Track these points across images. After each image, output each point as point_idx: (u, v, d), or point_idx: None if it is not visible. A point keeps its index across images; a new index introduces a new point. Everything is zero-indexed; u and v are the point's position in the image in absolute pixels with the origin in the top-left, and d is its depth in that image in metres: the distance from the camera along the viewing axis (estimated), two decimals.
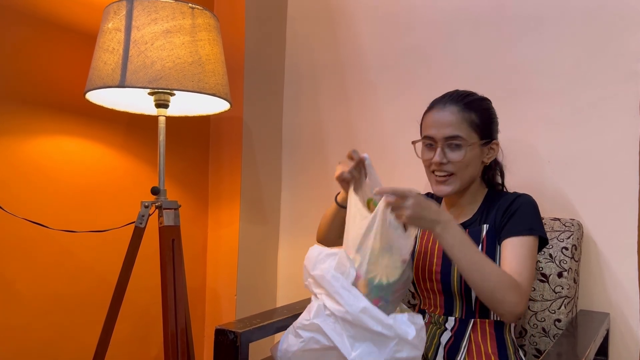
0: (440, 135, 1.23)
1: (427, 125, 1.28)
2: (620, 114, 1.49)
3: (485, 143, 1.27)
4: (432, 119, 1.26)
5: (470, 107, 1.25)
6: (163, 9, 1.32)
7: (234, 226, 1.92)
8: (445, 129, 1.23)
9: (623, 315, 1.48)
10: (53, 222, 1.49)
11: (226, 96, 1.45)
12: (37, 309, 1.47)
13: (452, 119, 1.23)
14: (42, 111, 1.47)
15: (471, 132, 1.24)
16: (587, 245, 1.52)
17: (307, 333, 1.12)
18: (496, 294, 1.10)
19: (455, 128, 1.23)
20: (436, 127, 1.24)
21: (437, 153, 1.24)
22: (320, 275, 1.13)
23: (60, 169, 1.52)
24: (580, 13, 1.55)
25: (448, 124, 1.23)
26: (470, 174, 1.27)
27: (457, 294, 1.25)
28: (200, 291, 1.97)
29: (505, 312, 1.11)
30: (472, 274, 1.11)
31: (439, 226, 1.12)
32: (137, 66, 1.29)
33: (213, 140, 1.98)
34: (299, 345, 1.13)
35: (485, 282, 1.11)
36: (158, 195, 1.43)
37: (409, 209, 1.09)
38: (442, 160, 1.23)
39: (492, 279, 1.10)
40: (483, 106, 1.28)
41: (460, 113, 1.24)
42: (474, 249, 1.13)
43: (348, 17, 1.96)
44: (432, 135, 1.25)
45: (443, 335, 1.27)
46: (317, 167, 2.01)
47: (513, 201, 1.25)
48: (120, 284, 1.39)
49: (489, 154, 1.30)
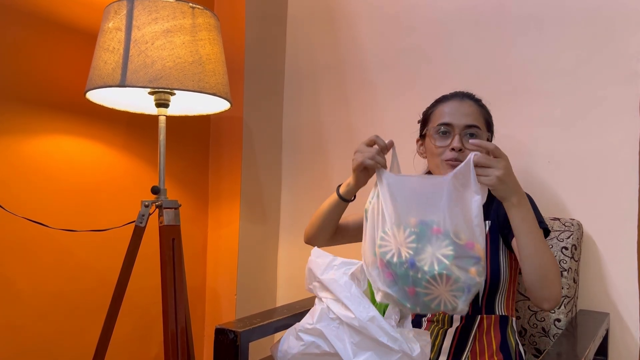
0: (461, 123, 1.27)
1: (441, 114, 1.30)
2: (621, 113, 1.49)
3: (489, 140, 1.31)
4: (450, 108, 1.30)
5: (482, 105, 1.34)
6: (163, 9, 1.33)
7: (234, 226, 1.92)
8: (466, 118, 1.27)
9: (623, 315, 1.48)
10: (53, 222, 1.49)
11: (226, 96, 1.45)
12: (37, 308, 1.47)
13: (472, 110, 1.29)
14: (43, 110, 1.47)
15: (484, 125, 1.31)
16: (587, 245, 1.52)
17: (309, 337, 1.11)
18: (550, 275, 1.10)
19: (475, 118, 1.28)
20: (456, 116, 1.28)
21: (456, 139, 1.26)
22: (331, 280, 1.10)
23: (60, 168, 1.52)
24: (580, 13, 1.55)
25: (469, 114, 1.28)
26: None
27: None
28: (200, 290, 1.97)
29: (552, 296, 1.11)
30: (535, 253, 1.09)
31: (516, 197, 1.09)
32: (137, 66, 1.29)
33: (213, 140, 1.98)
34: (299, 348, 1.13)
35: (544, 261, 1.09)
36: (158, 194, 1.43)
37: (500, 170, 1.05)
38: (460, 145, 1.25)
39: (549, 262, 1.10)
40: (487, 109, 1.36)
41: (477, 107, 1.31)
42: (539, 228, 1.12)
43: (348, 17, 1.96)
44: (451, 122, 1.27)
45: (447, 334, 1.27)
46: (317, 166, 2.01)
47: None
48: (120, 283, 1.39)
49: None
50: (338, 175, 1.96)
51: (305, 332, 1.12)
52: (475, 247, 1.00)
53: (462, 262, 0.98)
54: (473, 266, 0.99)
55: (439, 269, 0.97)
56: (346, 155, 1.95)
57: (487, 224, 1.28)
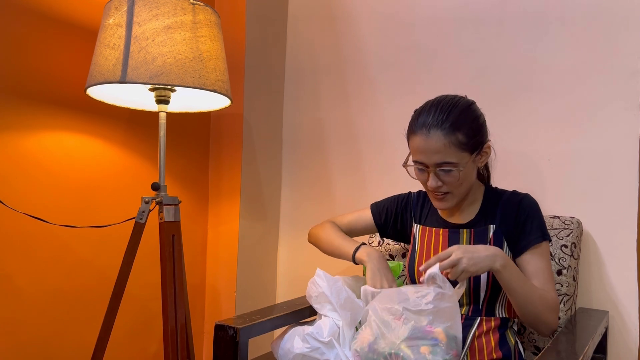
0: (431, 162, 1.21)
1: (414, 149, 1.24)
2: (621, 112, 1.49)
3: (476, 154, 1.25)
4: (419, 145, 1.22)
5: (455, 127, 1.19)
6: (164, 5, 1.32)
7: (234, 223, 1.92)
8: (434, 156, 1.20)
9: (622, 313, 1.48)
10: (53, 217, 1.49)
11: (227, 92, 1.45)
12: (37, 304, 1.48)
13: (438, 145, 1.19)
14: (43, 107, 1.47)
15: (460, 152, 1.20)
16: (587, 243, 1.52)
17: (317, 344, 1.18)
18: (541, 316, 1.19)
19: (444, 154, 1.19)
20: (424, 154, 1.21)
21: (431, 179, 1.23)
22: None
23: (60, 164, 1.52)
24: (581, 13, 1.55)
25: (436, 151, 1.19)
26: (467, 187, 1.27)
27: (464, 293, 1.26)
28: (200, 287, 1.98)
29: (546, 330, 1.22)
30: (524, 303, 1.18)
31: (496, 262, 1.15)
32: (138, 62, 1.29)
33: (213, 137, 1.98)
34: (303, 350, 1.19)
35: (533, 307, 1.18)
36: (158, 191, 1.43)
37: (463, 261, 1.12)
38: (437, 184, 1.23)
39: (539, 305, 1.18)
40: (468, 118, 1.22)
41: (446, 138, 1.18)
42: (523, 278, 1.19)
43: (349, 14, 1.96)
44: (422, 161, 1.23)
45: None
46: (317, 164, 2.01)
47: (521, 204, 1.28)
48: (120, 279, 1.40)
49: (482, 158, 1.28)
50: (338, 173, 1.96)
51: (316, 340, 1.19)
52: (435, 331, 1.09)
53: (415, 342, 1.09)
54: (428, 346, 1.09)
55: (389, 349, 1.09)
56: (347, 152, 1.95)
57: (492, 228, 1.28)
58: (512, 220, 1.27)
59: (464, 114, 1.22)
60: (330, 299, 1.23)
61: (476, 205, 1.33)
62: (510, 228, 1.27)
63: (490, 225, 1.28)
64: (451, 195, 1.26)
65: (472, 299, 1.26)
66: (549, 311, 1.19)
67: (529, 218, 1.27)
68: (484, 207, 1.32)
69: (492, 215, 1.30)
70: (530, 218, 1.27)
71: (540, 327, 1.21)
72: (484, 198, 1.33)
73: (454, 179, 1.22)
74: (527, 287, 1.18)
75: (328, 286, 1.25)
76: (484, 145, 1.26)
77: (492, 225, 1.28)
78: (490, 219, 1.29)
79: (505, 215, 1.28)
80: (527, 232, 1.26)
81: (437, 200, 1.28)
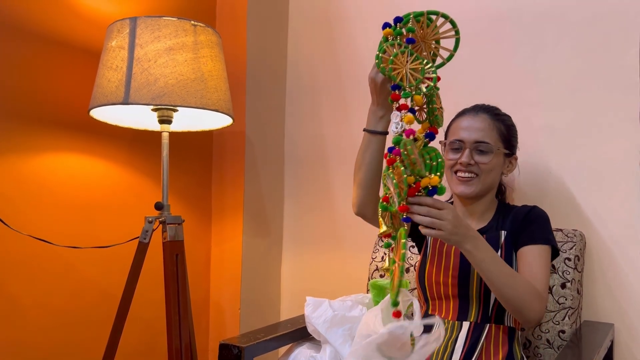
0: (471, 138, 1.30)
1: (456, 129, 1.34)
2: (622, 123, 1.49)
3: (508, 154, 1.35)
4: (463, 124, 1.33)
5: (499, 118, 1.34)
6: (166, 27, 1.34)
7: (237, 240, 1.93)
8: (476, 133, 1.30)
9: (628, 326, 1.48)
10: (57, 239, 1.49)
11: (228, 111, 1.46)
12: (42, 324, 1.48)
13: (483, 125, 1.31)
14: (46, 128, 1.49)
15: (498, 140, 1.32)
16: (590, 255, 1.52)
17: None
18: (523, 302, 1.16)
19: (486, 134, 1.30)
20: (467, 131, 1.31)
21: (465, 154, 1.29)
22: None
23: (64, 185, 1.53)
24: (581, 23, 1.56)
25: (480, 129, 1.30)
26: (492, 180, 1.33)
27: (475, 297, 1.27)
28: (204, 305, 1.97)
29: (530, 319, 1.18)
30: (502, 287, 1.16)
31: (469, 242, 1.13)
32: (140, 83, 1.31)
33: (216, 155, 1.99)
34: None
35: (514, 291, 1.16)
36: (162, 210, 1.44)
37: (449, 223, 1.07)
38: (469, 161, 1.29)
39: (520, 289, 1.16)
40: (509, 121, 1.37)
41: (491, 120, 1.32)
42: (501, 261, 1.18)
43: (349, 31, 1.98)
44: (462, 138, 1.31)
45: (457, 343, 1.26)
46: (319, 179, 2.02)
47: (530, 211, 1.33)
48: (124, 299, 1.40)
49: (509, 166, 1.37)
50: (340, 188, 1.96)
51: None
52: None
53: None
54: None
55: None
56: (348, 167, 1.95)
57: (503, 234, 1.31)
58: (519, 223, 1.31)
59: (506, 116, 1.37)
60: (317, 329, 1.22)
61: (489, 214, 1.37)
62: (516, 227, 1.31)
63: (502, 231, 1.32)
64: (477, 180, 1.30)
65: (482, 302, 1.26)
66: (532, 297, 1.17)
67: (535, 223, 1.30)
68: (497, 216, 1.36)
69: (504, 223, 1.34)
70: (536, 223, 1.30)
71: (524, 313, 1.17)
72: (497, 210, 1.37)
73: (486, 159, 1.29)
74: (506, 270, 1.16)
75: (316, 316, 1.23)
76: (514, 154, 1.37)
77: (503, 232, 1.32)
78: (502, 226, 1.33)
79: (515, 220, 1.32)
80: (530, 230, 1.29)
81: (462, 184, 1.31)
